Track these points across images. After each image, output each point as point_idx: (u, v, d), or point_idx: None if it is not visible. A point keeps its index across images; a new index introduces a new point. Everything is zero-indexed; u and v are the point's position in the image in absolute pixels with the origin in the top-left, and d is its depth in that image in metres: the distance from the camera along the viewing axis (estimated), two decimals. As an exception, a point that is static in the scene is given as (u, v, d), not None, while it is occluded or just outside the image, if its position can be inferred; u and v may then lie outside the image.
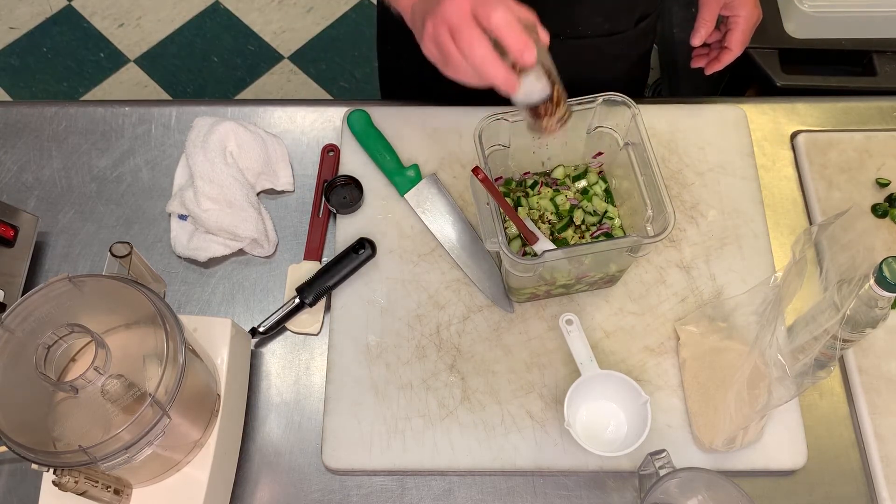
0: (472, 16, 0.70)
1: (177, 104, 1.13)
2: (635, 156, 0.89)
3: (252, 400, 0.94)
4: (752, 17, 1.04)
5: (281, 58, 2.32)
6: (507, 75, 0.71)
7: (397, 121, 1.08)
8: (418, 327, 0.96)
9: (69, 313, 0.72)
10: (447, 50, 0.72)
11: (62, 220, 1.04)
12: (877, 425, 0.91)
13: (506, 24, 0.69)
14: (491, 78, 0.71)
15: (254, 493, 0.90)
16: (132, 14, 2.37)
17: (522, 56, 0.70)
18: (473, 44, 0.70)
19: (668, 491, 0.82)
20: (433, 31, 0.73)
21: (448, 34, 0.71)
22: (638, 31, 1.08)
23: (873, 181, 1.05)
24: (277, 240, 1.03)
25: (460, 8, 0.70)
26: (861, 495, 0.90)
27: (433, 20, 0.72)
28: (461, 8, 0.70)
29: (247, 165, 1.03)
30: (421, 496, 0.90)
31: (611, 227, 0.97)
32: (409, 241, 1.01)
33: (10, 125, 1.10)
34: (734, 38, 1.04)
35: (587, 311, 0.97)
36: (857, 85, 1.31)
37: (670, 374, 0.94)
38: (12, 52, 2.31)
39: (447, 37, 0.72)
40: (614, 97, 0.87)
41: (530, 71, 0.74)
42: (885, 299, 0.78)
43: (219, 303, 1.00)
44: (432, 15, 0.73)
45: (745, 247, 1.01)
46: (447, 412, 0.92)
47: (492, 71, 0.70)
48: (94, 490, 0.73)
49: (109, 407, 0.69)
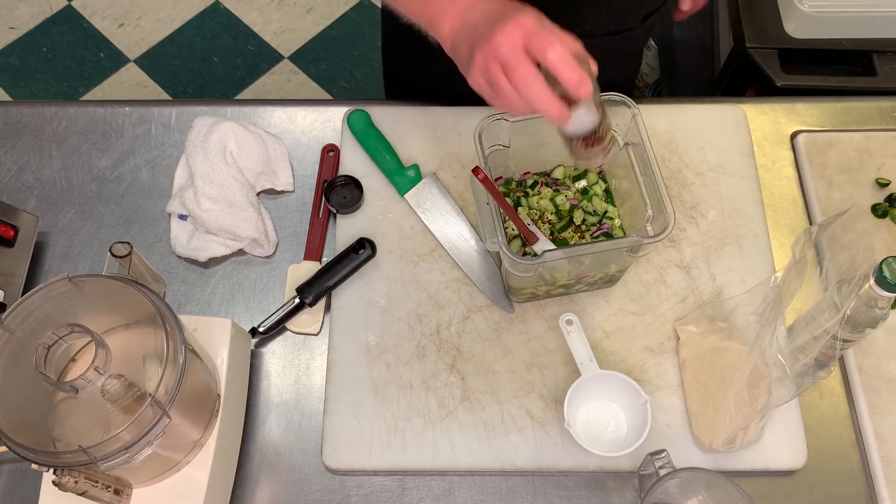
0: (524, 50, 0.70)
1: (177, 104, 1.13)
2: (635, 156, 0.89)
3: (252, 400, 0.94)
4: None
5: (281, 58, 2.32)
6: (561, 111, 0.71)
7: (397, 121, 1.08)
8: (418, 327, 0.96)
9: (69, 313, 0.72)
10: (499, 85, 0.71)
11: (62, 220, 1.04)
12: (877, 425, 0.91)
13: (562, 61, 0.68)
14: (544, 113, 0.71)
15: (254, 493, 0.90)
16: (132, 14, 2.37)
17: (578, 92, 0.69)
18: (528, 81, 0.69)
19: (668, 491, 0.82)
20: (483, 66, 0.72)
21: (499, 69, 0.71)
22: (643, 28, 1.09)
23: (873, 181, 1.05)
24: (277, 240, 1.03)
25: (512, 42, 0.69)
26: (861, 495, 0.90)
27: (483, 54, 0.71)
28: (513, 42, 0.69)
29: (247, 165, 1.03)
30: (421, 496, 0.90)
31: (611, 227, 0.97)
32: (409, 241, 1.01)
33: (10, 125, 1.10)
34: None
35: (587, 311, 0.97)
36: (857, 85, 1.30)
37: (670, 374, 0.94)
38: (12, 52, 2.31)
39: (499, 71, 0.71)
40: (614, 97, 0.87)
41: (582, 103, 0.74)
42: (885, 299, 0.78)
43: (219, 303, 1.00)
44: (482, 49, 0.71)
45: (745, 247, 1.01)
46: (447, 412, 0.92)
47: (546, 107, 0.70)
48: (94, 490, 0.73)
49: (109, 407, 0.69)
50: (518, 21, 0.70)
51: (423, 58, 0.76)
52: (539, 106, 0.70)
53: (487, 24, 0.72)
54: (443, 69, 0.80)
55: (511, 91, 0.71)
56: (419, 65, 1.03)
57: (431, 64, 0.76)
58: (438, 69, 0.77)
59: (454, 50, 0.77)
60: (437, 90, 1.08)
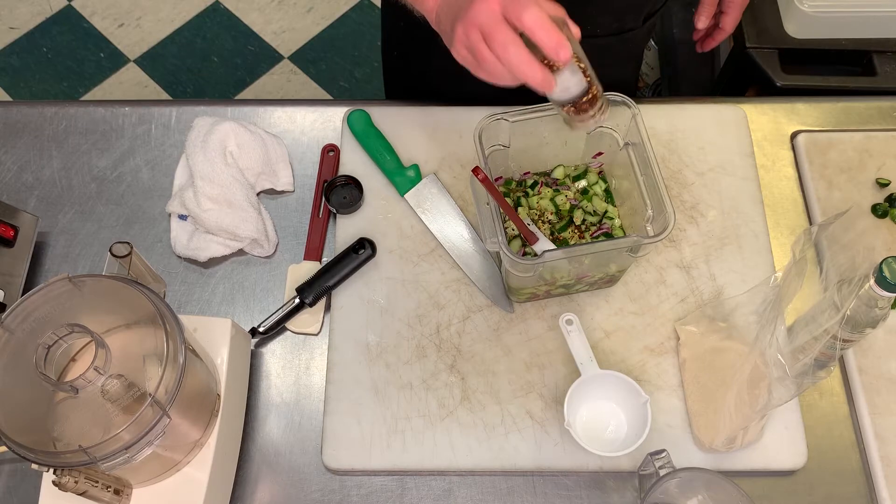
0: (502, 16, 0.69)
1: (177, 104, 1.13)
2: (635, 156, 0.89)
3: (252, 400, 0.94)
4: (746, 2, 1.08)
5: (281, 58, 2.32)
6: (543, 74, 0.70)
7: (397, 121, 1.08)
8: (418, 327, 0.96)
9: (69, 313, 0.72)
10: (480, 53, 0.71)
11: (62, 220, 1.04)
12: (877, 425, 0.91)
13: (538, 23, 0.68)
14: (527, 78, 0.70)
15: (254, 493, 0.90)
16: (132, 14, 2.37)
17: (557, 54, 0.68)
18: (507, 45, 0.69)
19: (668, 491, 0.82)
20: (464, 35, 0.72)
21: (480, 37, 0.71)
22: (644, 29, 1.09)
23: (873, 181, 1.05)
24: (277, 240, 1.03)
25: (490, 9, 0.69)
26: (861, 495, 0.90)
27: (463, 24, 0.71)
28: (490, 9, 0.69)
29: (247, 165, 1.03)
30: (421, 496, 0.90)
31: (611, 227, 0.97)
32: (409, 241, 1.01)
33: (10, 125, 1.10)
34: (728, 20, 1.08)
35: (587, 311, 0.97)
36: (857, 85, 1.31)
37: (670, 374, 0.94)
38: (12, 52, 2.31)
39: (479, 40, 0.71)
40: (614, 97, 0.87)
41: (565, 67, 0.73)
42: (885, 299, 0.78)
43: (219, 303, 1.00)
44: (462, 19, 0.72)
45: (745, 247, 1.01)
46: (447, 412, 0.92)
47: (528, 71, 0.69)
48: (94, 490, 0.73)
49: (109, 407, 0.69)
50: None
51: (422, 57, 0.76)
52: (520, 71, 0.70)
53: None
54: (443, 68, 0.80)
55: (493, 59, 0.71)
56: (419, 64, 1.03)
57: (431, 63, 0.76)
58: (438, 68, 0.77)
59: (438, 22, 0.77)
60: (436, 90, 1.08)
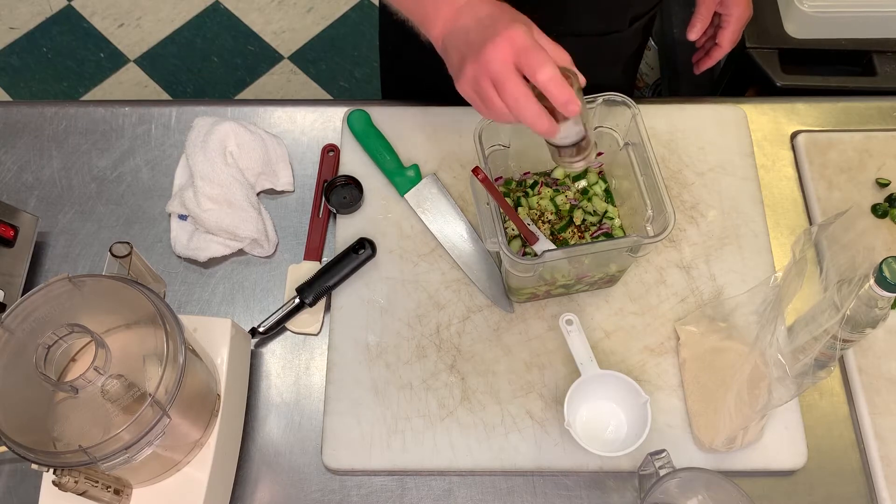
0: (515, 67, 0.71)
1: (177, 104, 1.13)
2: (635, 156, 0.89)
3: (252, 400, 0.94)
4: (744, 16, 1.06)
5: (281, 58, 2.32)
6: (550, 126, 0.72)
7: (397, 121, 1.08)
8: (418, 327, 0.96)
9: (69, 313, 0.72)
10: (489, 99, 0.72)
11: (62, 220, 1.04)
12: (877, 425, 0.91)
13: (552, 82, 0.69)
14: (533, 127, 0.72)
15: (254, 493, 0.90)
16: (132, 14, 2.37)
17: (567, 109, 0.70)
18: (520, 99, 0.70)
19: (668, 491, 0.82)
20: (473, 79, 0.73)
21: (490, 84, 0.72)
22: (631, 31, 1.08)
23: (873, 181, 1.05)
24: (277, 240, 1.03)
25: (503, 60, 0.70)
26: (861, 495, 0.90)
27: (474, 68, 0.72)
28: (504, 59, 0.70)
29: (247, 165, 1.03)
30: (421, 496, 0.90)
31: (611, 227, 0.97)
32: (409, 241, 1.01)
33: (10, 125, 1.10)
34: (725, 35, 1.06)
35: (587, 311, 0.97)
36: (857, 85, 1.31)
37: (670, 374, 0.94)
38: (12, 52, 2.31)
39: (489, 87, 0.72)
40: (614, 97, 0.87)
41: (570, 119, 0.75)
42: (885, 299, 0.78)
43: (219, 303, 1.00)
44: (473, 62, 0.72)
45: (745, 247, 1.01)
46: (447, 412, 0.92)
47: (536, 122, 0.71)
48: (94, 490, 0.73)
49: (109, 407, 0.69)
50: (509, 35, 0.70)
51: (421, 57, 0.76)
52: (528, 122, 0.72)
53: (478, 33, 0.73)
54: (441, 68, 0.80)
55: (501, 105, 0.72)
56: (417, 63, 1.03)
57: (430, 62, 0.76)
58: (437, 68, 0.77)
59: (444, 53, 0.78)
60: (436, 89, 1.08)
